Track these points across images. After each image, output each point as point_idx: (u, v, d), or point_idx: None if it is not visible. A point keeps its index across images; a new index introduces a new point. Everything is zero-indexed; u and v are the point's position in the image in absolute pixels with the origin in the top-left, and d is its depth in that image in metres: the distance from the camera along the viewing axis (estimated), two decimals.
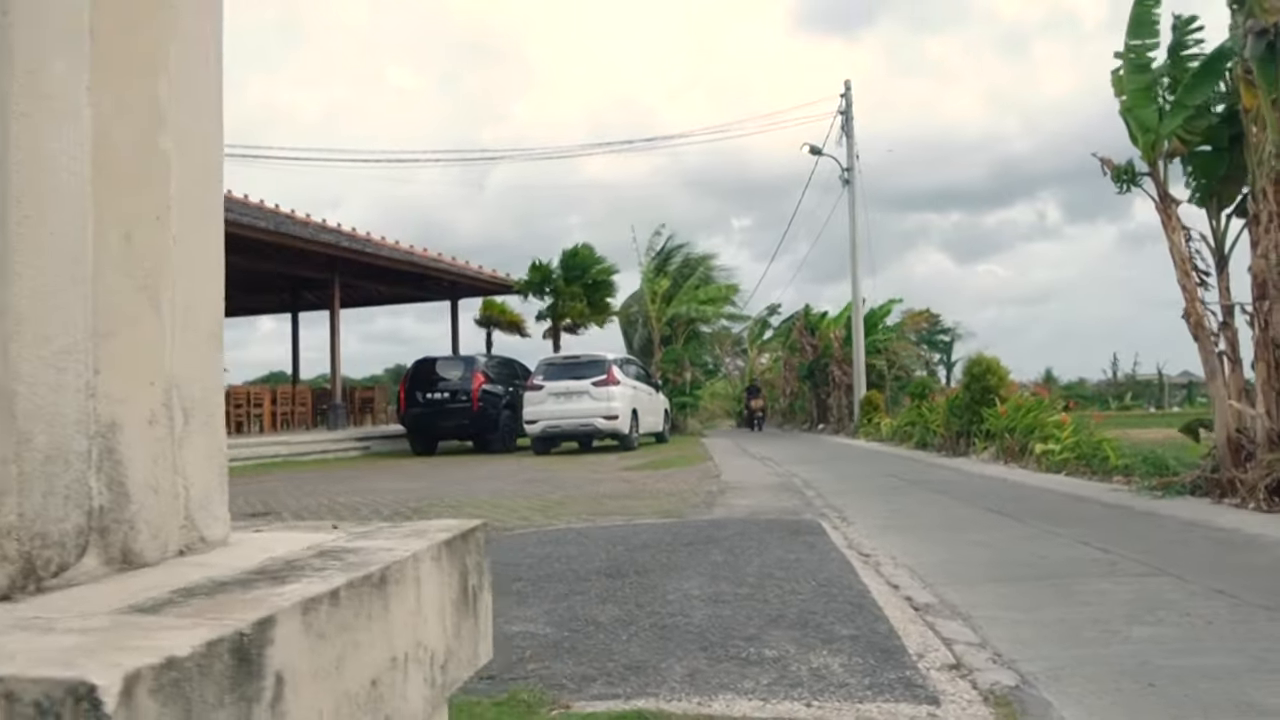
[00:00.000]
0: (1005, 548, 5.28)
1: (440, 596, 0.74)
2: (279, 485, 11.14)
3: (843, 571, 4.28)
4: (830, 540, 5.46)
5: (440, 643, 0.73)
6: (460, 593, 0.78)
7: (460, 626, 0.78)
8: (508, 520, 7.05)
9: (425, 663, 0.70)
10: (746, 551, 4.90)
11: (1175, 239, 7.74)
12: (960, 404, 14.86)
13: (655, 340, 26.26)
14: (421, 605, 0.70)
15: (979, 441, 14.00)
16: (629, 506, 7.62)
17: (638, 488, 9.42)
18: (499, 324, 27.14)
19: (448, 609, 0.75)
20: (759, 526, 6.05)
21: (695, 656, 2.79)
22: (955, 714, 2.33)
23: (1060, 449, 11.42)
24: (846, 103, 24.86)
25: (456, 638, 0.77)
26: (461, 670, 0.78)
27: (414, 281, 23.74)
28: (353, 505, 8.59)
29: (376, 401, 23.40)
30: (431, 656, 0.72)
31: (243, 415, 18.69)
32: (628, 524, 6.52)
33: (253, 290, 25.78)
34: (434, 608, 0.73)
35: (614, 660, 2.78)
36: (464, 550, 0.79)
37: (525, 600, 3.84)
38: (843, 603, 3.53)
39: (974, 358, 15.60)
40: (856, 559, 4.77)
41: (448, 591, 0.75)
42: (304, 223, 20.97)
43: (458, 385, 17.91)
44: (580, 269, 25.21)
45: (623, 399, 16.74)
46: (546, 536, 5.97)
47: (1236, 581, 4.06)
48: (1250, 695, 2.52)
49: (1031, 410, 13.05)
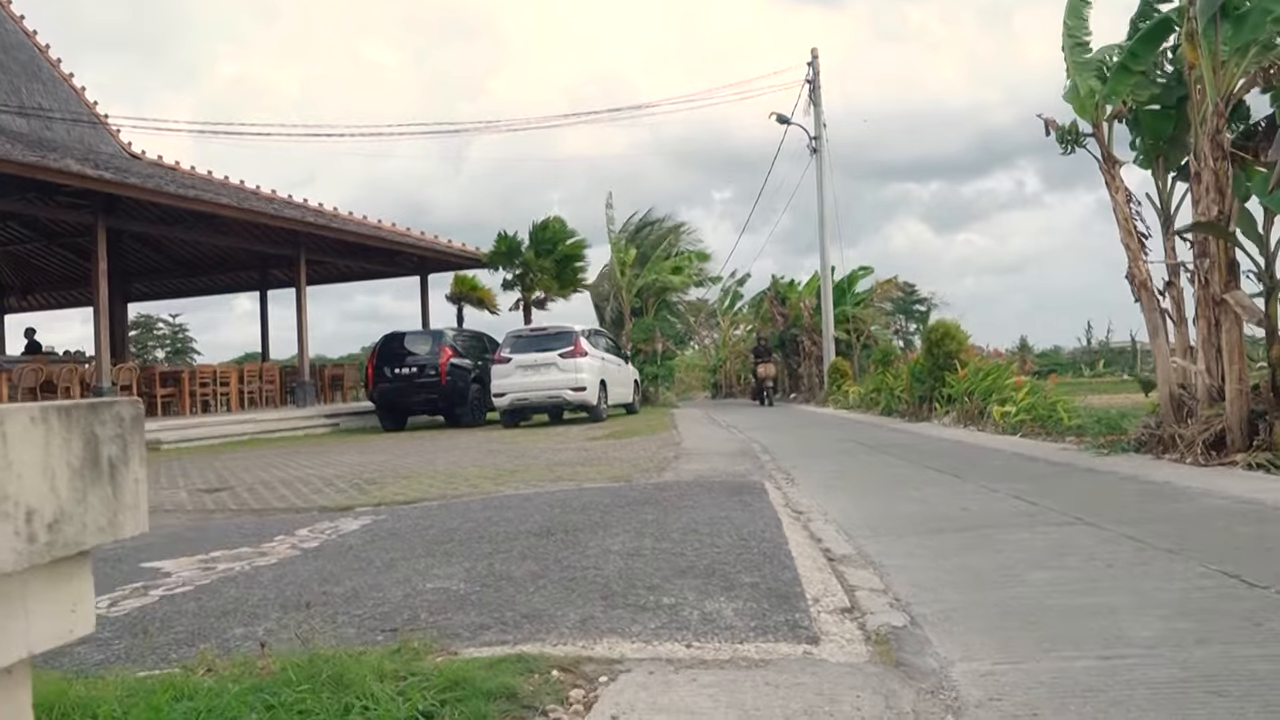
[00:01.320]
0: (938, 504, 5.36)
1: (44, 457, 0.78)
2: (240, 461, 11.12)
3: (768, 527, 4.35)
4: (768, 499, 5.53)
5: (46, 502, 0.78)
6: (86, 460, 0.82)
7: (86, 492, 0.82)
8: (458, 488, 7.09)
9: (16, 517, 0.75)
10: (679, 510, 4.97)
11: (1118, 199, 7.83)
12: (923, 369, 14.99)
13: (625, 312, 26.27)
14: (10, 461, 0.74)
15: (940, 406, 14.14)
16: (580, 473, 7.68)
17: (595, 456, 9.48)
18: (470, 299, 27.03)
19: (60, 471, 0.79)
20: (702, 488, 6.12)
21: (594, 604, 2.85)
22: (831, 652, 2.39)
23: (1016, 411, 11.57)
24: (813, 71, 24.80)
25: (79, 503, 0.81)
26: (88, 535, 0.82)
27: (383, 257, 23.60)
28: (306, 478, 8.60)
29: (346, 378, 23.31)
30: (28, 512, 0.76)
31: (209, 394, 18.58)
32: (575, 489, 6.57)
33: (222, 269, 25.58)
34: (33, 466, 0.77)
35: (514, 610, 2.83)
36: (93, 420, 0.82)
37: (450, 559, 3.88)
38: (757, 554, 3.60)
39: (934, 323, 15.73)
40: (788, 516, 4.84)
41: (60, 454, 0.79)
42: (269, 198, 20.77)
43: (426, 360, 17.87)
44: (551, 242, 25.13)
45: (590, 370, 16.77)
46: (490, 502, 6.02)
47: (1151, 529, 4.16)
48: (1124, 629, 2.59)
49: (990, 374, 13.19)
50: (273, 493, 7.66)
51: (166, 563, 4.52)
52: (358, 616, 2.99)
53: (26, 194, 15.74)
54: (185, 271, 25.57)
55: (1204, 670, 2.22)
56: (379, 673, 2.22)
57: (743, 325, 34.81)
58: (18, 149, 14.23)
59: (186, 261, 24.92)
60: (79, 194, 15.38)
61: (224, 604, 3.38)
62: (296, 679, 2.20)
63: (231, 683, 2.30)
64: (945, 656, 2.43)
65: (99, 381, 15.18)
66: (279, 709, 2.09)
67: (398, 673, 2.25)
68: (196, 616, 3.23)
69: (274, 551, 4.64)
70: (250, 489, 8.01)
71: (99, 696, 2.31)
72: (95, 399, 0.86)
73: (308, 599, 3.28)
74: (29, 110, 18.31)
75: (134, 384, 16.70)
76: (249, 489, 8.02)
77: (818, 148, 24.63)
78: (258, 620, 3.09)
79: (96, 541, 0.82)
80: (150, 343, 51.17)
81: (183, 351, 50.61)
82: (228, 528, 5.73)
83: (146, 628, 3.13)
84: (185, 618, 3.24)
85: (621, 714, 2.02)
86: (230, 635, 2.91)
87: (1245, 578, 3.12)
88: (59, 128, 18.83)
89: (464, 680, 2.16)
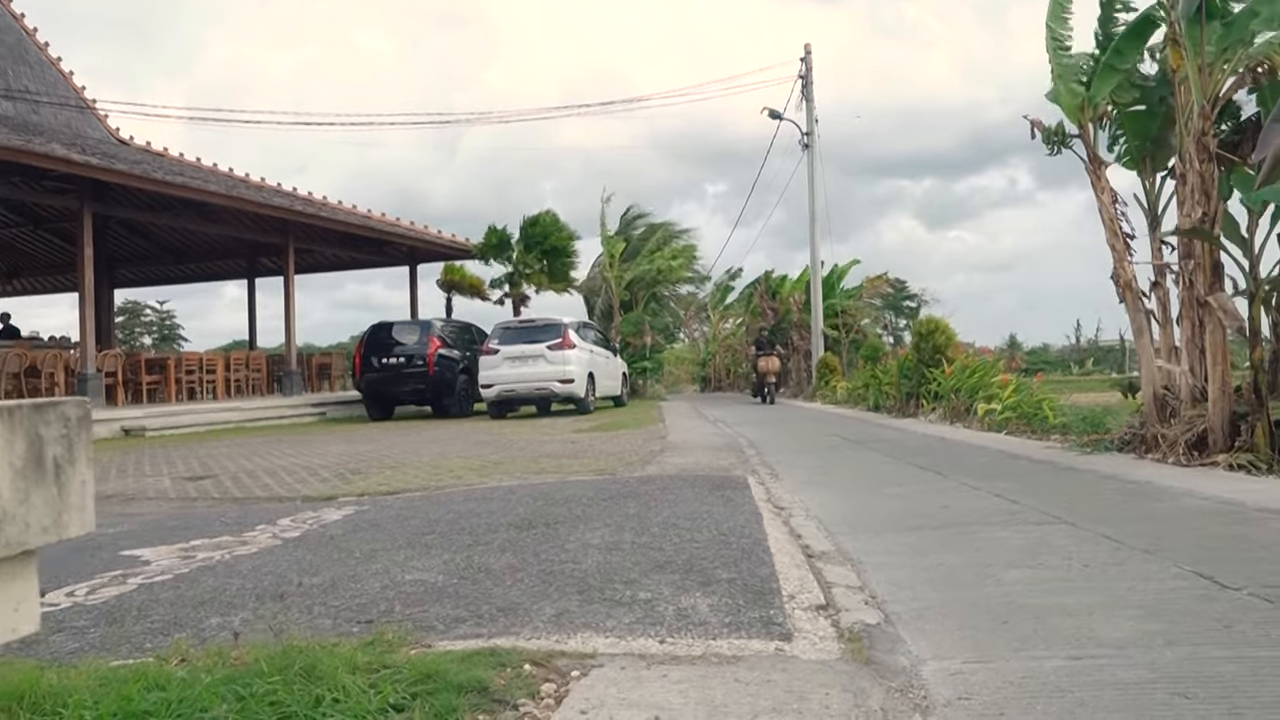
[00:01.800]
0: (920, 501, 5.38)
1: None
2: (225, 450, 11.09)
3: (749, 522, 4.36)
4: (750, 494, 5.54)
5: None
6: (29, 460, 0.82)
7: (30, 492, 0.82)
8: (442, 479, 7.08)
9: None
10: (661, 504, 4.97)
11: (1104, 200, 7.85)
12: (910, 365, 15.04)
13: (615, 305, 26.25)
14: None
15: (927, 402, 14.19)
16: (565, 466, 7.68)
17: (581, 448, 9.48)
18: (460, 288, 26.97)
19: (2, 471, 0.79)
20: (685, 482, 6.13)
21: (570, 599, 2.85)
22: (803, 649, 2.40)
23: (1002, 409, 11.62)
24: (806, 67, 24.79)
25: (22, 503, 0.81)
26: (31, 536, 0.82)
27: (372, 247, 23.52)
28: (290, 467, 8.58)
29: (334, 367, 23.24)
30: None
31: (195, 382, 18.50)
32: (558, 481, 6.58)
33: (210, 256, 25.46)
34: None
35: (490, 603, 2.83)
36: (37, 421, 0.82)
37: (429, 551, 3.88)
38: (735, 550, 3.61)
39: (922, 319, 15.79)
40: (769, 511, 4.85)
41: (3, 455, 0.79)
42: (258, 186, 20.67)
43: (414, 350, 17.85)
44: (541, 236, 25.07)
45: (578, 362, 16.77)
46: (474, 494, 6.02)
47: (1129, 528, 4.18)
48: (1096, 628, 2.61)
49: (976, 371, 13.26)
50: (256, 481, 7.64)
51: (146, 551, 4.50)
52: (334, 608, 2.99)
53: (11, 178, 15.62)
54: (173, 259, 25.44)
55: (1172, 672, 2.24)
56: (351, 665, 2.22)
57: (733, 319, 34.83)
58: (2, 133, 14.11)
59: (174, 248, 24.79)
60: (65, 179, 15.27)
61: (201, 593, 3.38)
62: (269, 670, 2.20)
63: (204, 673, 2.30)
64: (917, 655, 2.44)
65: (84, 367, 15.09)
66: (250, 700, 2.09)
67: (370, 665, 2.25)
68: (173, 606, 3.23)
69: (255, 541, 4.63)
70: (234, 477, 7.98)
71: (71, 686, 2.30)
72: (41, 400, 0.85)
73: (284, 589, 3.28)
74: (15, 94, 18.15)
75: (119, 370, 16.61)
76: (232, 477, 7.99)
77: (809, 143, 24.65)
78: (234, 610, 3.09)
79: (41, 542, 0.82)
80: (137, 329, 50.92)
81: (170, 338, 50.38)
82: (210, 516, 5.71)
83: (122, 616, 3.12)
84: (162, 607, 3.23)
85: (591, 709, 2.03)
86: (206, 625, 2.91)
87: (1219, 579, 3.15)
88: (46, 112, 18.68)
89: (436, 673, 2.16)
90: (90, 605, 3.36)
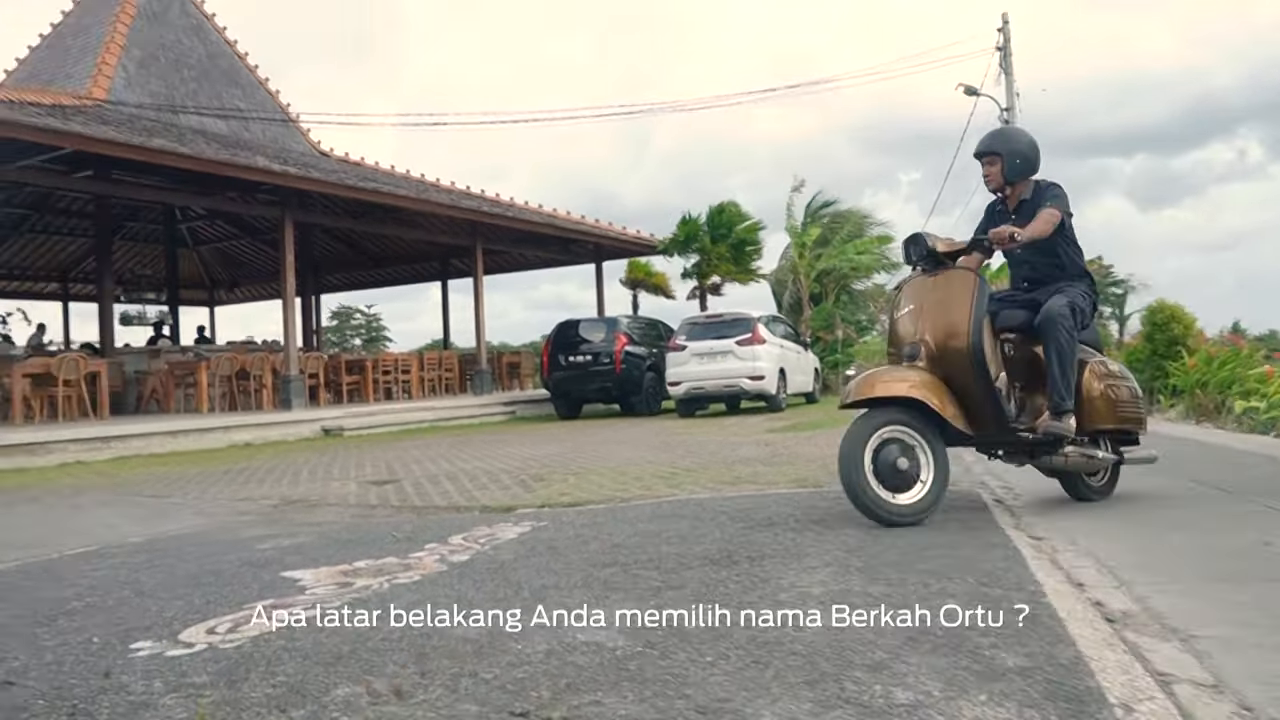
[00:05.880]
0: (1219, 532, 4.21)
1: None
2: (414, 451, 10.99)
3: (1010, 564, 3.40)
4: (992, 516, 4.56)
5: None
6: None
7: None
8: (628, 489, 6.46)
9: None
10: (884, 530, 4.09)
11: None
12: (1141, 357, 13.34)
13: (804, 297, 25.12)
14: None
15: (1164, 398, 12.53)
16: (762, 474, 6.87)
17: (776, 452, 8.64)
18: (645, 285, 26.67)
19: None
20: None
21: (799, 698, 2.05)
22: None
23: (1267, 406, 9.85)
24: (1004, 38, 22.81)
25: None
26: None
27: (558, 245, 23.54)
28: (473, 472, 8.22)
29: (523, 366, 23.40)
30: None
31: (391, 382, 18.97)
32: (757, 494, 5.79)
33: (405, 260, 26.35)
34: None
35: (686, 698, 2.08)
36: None
37: (609, 594, 3.19)
38: (1009, 611, 2.69)
39: (1155, 305, 13.98)
40: (1026, 544, 3.86)
41: None
42: (448, 190, 21.02)
43: (600, 347, 17.57)
44: (726, 226, 24.33)
45: (769, 358, 15.90)
46: (661, 509, 5.32)
47: None
48: None
49: (1227, 362, 11.43)
50: (437, 488, 7.29)
51: (307, 574, 4.07)
52: (484, 682, 2.33)
53: (229, 192, 16.45)
54: (372, 263, 26.47)
55: None
56: None
57: None
58: (212, 148, 14.79)
59: (373, 254, 25.77)
60: (273, 190, 15.90)
61: (341, 643, 2.83)
62: None
63: None
64: None
65: (287, 370, 15.64)
66: None
67: None
68: (305, 660, 2.68)
69: (420, 564, 4.12)
70: (416, 483, 7.69)
71: None
72: None
73: (428, 647, 2.66)
74: (228, 113, 19.19)
75: (321, 372, 17.19)
76: (414, 483, 7.70)
77: (1009, 120, 22.65)
78: (368, 674, 2.50)
79: None
80: (348, 332, 54.09)
81: (376, 340, 53.18)
82: (383, 530, 5.30)
83: (248, 673, 2.61)
84: (294, 660, 2.69)
85: None
86: (329, 699, 2.32)
87: None
88: (255, 128, 19.66)
89: None
90: (223, 651, 2.88)
